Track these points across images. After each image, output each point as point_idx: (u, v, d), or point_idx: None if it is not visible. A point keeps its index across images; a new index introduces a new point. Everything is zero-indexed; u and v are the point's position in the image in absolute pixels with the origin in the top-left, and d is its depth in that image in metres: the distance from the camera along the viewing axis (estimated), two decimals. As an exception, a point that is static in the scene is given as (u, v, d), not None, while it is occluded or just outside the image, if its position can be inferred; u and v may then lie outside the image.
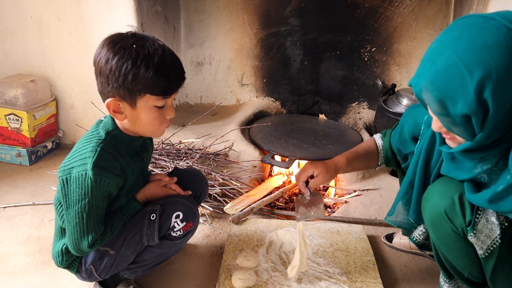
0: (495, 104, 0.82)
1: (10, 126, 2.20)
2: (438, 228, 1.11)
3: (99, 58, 1.05)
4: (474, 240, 1.06)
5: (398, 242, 1.59)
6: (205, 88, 2.71)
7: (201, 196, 1.45)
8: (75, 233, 1.12)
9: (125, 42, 1.03)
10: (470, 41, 0.83)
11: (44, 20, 2.21)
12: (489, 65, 0.80)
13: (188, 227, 1.21)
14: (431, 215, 1.11)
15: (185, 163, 1.95)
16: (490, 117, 0.84)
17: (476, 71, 0.81)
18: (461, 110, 0.85)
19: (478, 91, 0.82)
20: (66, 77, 2.31)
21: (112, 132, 1.14)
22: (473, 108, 0.84)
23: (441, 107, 0.88)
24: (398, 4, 2.32)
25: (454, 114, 0.87)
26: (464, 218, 1.04)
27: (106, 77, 1.05)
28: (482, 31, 0.83)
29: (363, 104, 2.54)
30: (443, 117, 0.91)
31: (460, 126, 0.89)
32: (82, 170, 1.08)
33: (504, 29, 0.82)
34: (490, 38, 0.81)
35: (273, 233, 1.61)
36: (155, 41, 1.06)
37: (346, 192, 1.99)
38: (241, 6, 2.50)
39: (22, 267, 1.48)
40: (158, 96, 1.07)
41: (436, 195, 1.09)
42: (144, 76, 1.02)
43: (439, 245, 1.16)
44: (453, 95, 0.85)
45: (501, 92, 0.82)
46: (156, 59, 1.03)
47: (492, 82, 0.81)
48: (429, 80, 0.88)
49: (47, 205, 1.84)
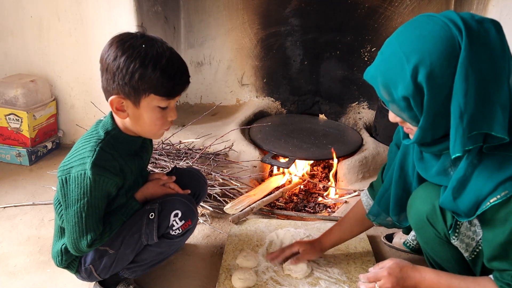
0: (429, 87, 0.89)
1: (10, 126, 2.20)
2: (422, 233, 1.13)
3: (107, 55, 1.06)
4: (457, 243, 1.07)
5: (398, 242, 1.59)
6: (205, 88, 2.71)
7: (200, 195, 1.45)
8: (74, 233, 1.12)
9: (134, 42, 1.05)
10: (410, 33, 0.93)
11: (44, 20, 2.21)
12: (424, 52, 0.89)
13: (187, 226, 1.21)
14: (415, 221, 1.13)
15: (185, 163, 1.95)
16: (427, 100, 0.91)
17: (412, 57, 0.89)
18: (401, 93, 0.92)
19: (414, 74, 0.89)
20: (66, 77, 2.31)
21: (111, 132, 1.14)
22: (411, 90, 0.91)
23: (387, 92, 0.96)
24: (398, 4, 2.32)
25: (397, 98, 0.94)
26: (445, 222, 1.06)
27: (112, 74, 1.05)
28: (422, 24, 0.92)
29: (363, 104, 2.54)
30: (391, 104, 0.98)
31: (405, 111, 0.96)
32: (81, 170, 1.08)
33: (440, 22, 0.90)
34: (427, 30, 0.90)
35: (273, 233, 1.61)
36: (163, 43, 1.08)
37: (346, 192, 1.99)
38: (241, 6, 2.50)
39: (22, 267, 1.48)
40: (162, 97, 1.08)
41: (419, 201, 1.11)
42: (150, 76, 1.03)
43: (426, 249, 1.18)
44: (394, 79, 0.93)
45: (434, 76, 0.88)
46: (164, 60, 1.04)
47: (426, 67, 0.88)
48: (376, 67, 0.98)
49: (47, 205, 1.84)
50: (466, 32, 0.87)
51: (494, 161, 0.93)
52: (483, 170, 0.93)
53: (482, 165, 0.94)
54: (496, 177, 0.91)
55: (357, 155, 2.06)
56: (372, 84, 0.99)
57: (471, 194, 0.95)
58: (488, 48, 0.88)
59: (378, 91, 0.98)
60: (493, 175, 0.92)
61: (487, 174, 0.93)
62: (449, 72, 0.88)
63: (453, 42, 0.88)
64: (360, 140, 2.23)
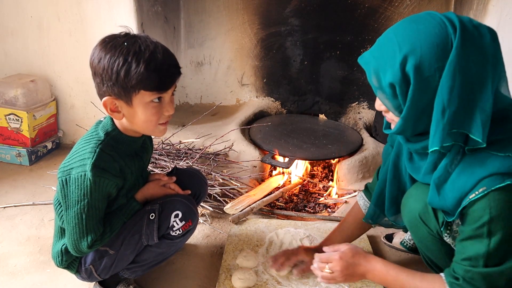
0: (415, 77, 0.91)
1: (10, 126, 2.20)
2: (416, 231, 1.14)
3: (93, 59, 1.07)
4: (450, 240, 1.08)
5: (398, 242, 1.59)
6: (205, 88, 2.71)
7: (201, 195, 1.45)
8: (75, 234, 1.12)
9: (116, 41, 1.05)
10: (408, 25, 0.96)
11: (44, 20, 2.21)
12: (416, 43, 0.91)
13: (187, 227, 1.21)
14: (408, 219, 1.14)
15: (185, 163, 1.95)
16: (412, 90, 0.92)
17: (404, 46, 0.92)
18: (388, 79, 0.94)
19: (403, 63, 0.92)
20: (66, 77, 2.31)
21: (111, 133, 1.14)
22: (398, 78, 0.93)
23: (376, 78, 0.98)
24: (398, 4, 2.32)
25: (385, 84, 0.96)
26: (437, 220, 1.07)
27: (100, 76, 1.06)
28: (420, 19, 0.95)
29: (363, 104, 2.54)
30: (379, 90, 1.00)
31: (390, 98, 0.98)
32: (81, 171, 1.08)
33: (438, 20, 0.92)
34: (424, 24, 0.93)
35: (273, 233, 1.61)
36: (147, 39, 1.07)
37: (346, 192, 1.99)
38: (241, 6, 2.50)
39: (22, 267, 1.48)
40: (153, 92, 1.07)
41: (411, 200, 1.13)
42: (135, 72, 1.02)
43: (420, 247, 1.19)
44: (384, 65, 0.95)
45: (422, 68, 0.91)
46: (147, 54, 1.03)
47: (415, 58, 0.91)
48: (370, 53, 1.01)
49: (47, 205, 1.84)
50: (460, 31, 0.89)
51: (476, 159, 0.94)
52: (465, 167, 0.95)
53: (464, 163, 0.95)
54: (478, 174, 0.92)
55: (357, 155, 2.06)
56: (364, 68, 1.02)
57: (454, 192, 0.96)
58: (479, 52, 0.90)
59: (369, 77, 1.01)
60: (475, 172, 0.93)
61: (469, 171, 0.94)
62: (437, 67, 0.90)
63: (446, 40, 0.90)
64: (360, 140, 2.23)
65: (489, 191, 0.90)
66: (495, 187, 0.89)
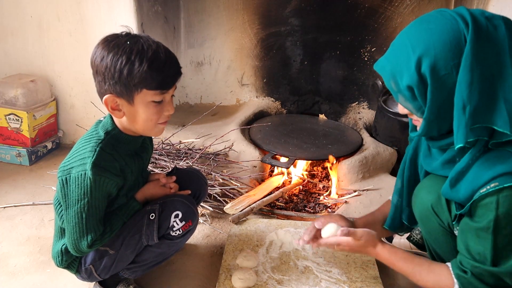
0: (432, 77, 0.92)
1: (10, 126, 2.20)
2: (426, 223, 1.14)
3: (94, 57, 1.07)
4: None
5: (398, 242, 1.59)
6: (205, 88, 2.71)
7: (201, 195, 1.45)
8: (75, 233, 1.12)
9: (118, 40, 1.05)
10: (419, 25, 0.96)
11: (44, 20, 2.21)
12: (429, 43, 0.92)
13: (187, 227, 1.21)
14: (419, 210, 1.14)
15: (185, 163, 1.95)
16: (430, 91, 0.93)
17: (418, 48, 0.93)
18: (406, 82, 0.95)
19: (418, 64, 0.93)
20: (66, 77, 2.31)
21: (111, 132, 1.14)
22: (415, 80, 0.93)
23: (394, 82, 0.99)
24: (398, 4, 2.31)
25: (403, 88, 0.97)
26: (450, 212, 1.06)
27: (102, 75, 1.06)
28: (431, 18, 0.95)
29: (363, 104, 2.54)
30: (398, 94, 1.00)
31: (410, 101, 0.98)
32: (82, 170, 1.08)
33: (449, 16, 0.92)
34: (435, 23, 0.93)
35: (273, 233, 1.61)
36: (149, 39, 1.08)
37: (346, 192, 1.99)
38: (241, 6, 2.50)
39: (22, 267, 1.48)
40: (155, 91, 1.08)
41: (424, 191, 1.13)
42: (139, 70, 1.03)
43: (428, 239, 1.18)
44: (400, 69, 0.96)
45: (437, 67, 0.91)
46: (150, 53, 1.04)
47: (430, 58, 0.91)
48: (385, 58, 1.01)
49: (47, 205, 1.84)
50: (472, 26, 0.88)
51: (496, 155, 0.93)
52: (483, 162, 0.94)
53: (483, 158, 0.95)
54: (494, 170, 0.92)
55: (357, 155, 2.06)
56: (381, 74, 1.02)
57: (468, 184, 0.96)
58: (495, 43, 0.89)
59: (387, 82, 1.01)
60: (492, 168, 0.92)
61: (486, 166, 0.93)
62: (453, 65, 0.90)
63: (459, 36, 0.89)
64: (360, 140, 2.23)
65: (501, 187, 0.89)
66: (507, 185, 0.89)
